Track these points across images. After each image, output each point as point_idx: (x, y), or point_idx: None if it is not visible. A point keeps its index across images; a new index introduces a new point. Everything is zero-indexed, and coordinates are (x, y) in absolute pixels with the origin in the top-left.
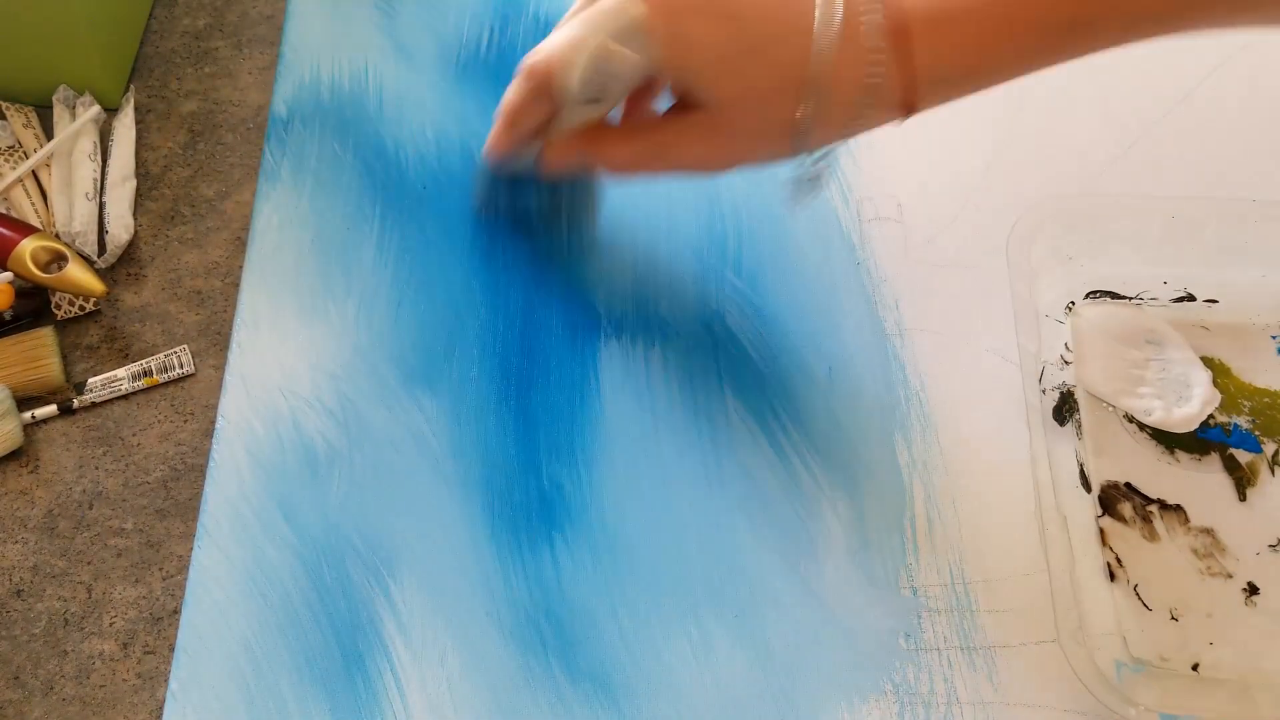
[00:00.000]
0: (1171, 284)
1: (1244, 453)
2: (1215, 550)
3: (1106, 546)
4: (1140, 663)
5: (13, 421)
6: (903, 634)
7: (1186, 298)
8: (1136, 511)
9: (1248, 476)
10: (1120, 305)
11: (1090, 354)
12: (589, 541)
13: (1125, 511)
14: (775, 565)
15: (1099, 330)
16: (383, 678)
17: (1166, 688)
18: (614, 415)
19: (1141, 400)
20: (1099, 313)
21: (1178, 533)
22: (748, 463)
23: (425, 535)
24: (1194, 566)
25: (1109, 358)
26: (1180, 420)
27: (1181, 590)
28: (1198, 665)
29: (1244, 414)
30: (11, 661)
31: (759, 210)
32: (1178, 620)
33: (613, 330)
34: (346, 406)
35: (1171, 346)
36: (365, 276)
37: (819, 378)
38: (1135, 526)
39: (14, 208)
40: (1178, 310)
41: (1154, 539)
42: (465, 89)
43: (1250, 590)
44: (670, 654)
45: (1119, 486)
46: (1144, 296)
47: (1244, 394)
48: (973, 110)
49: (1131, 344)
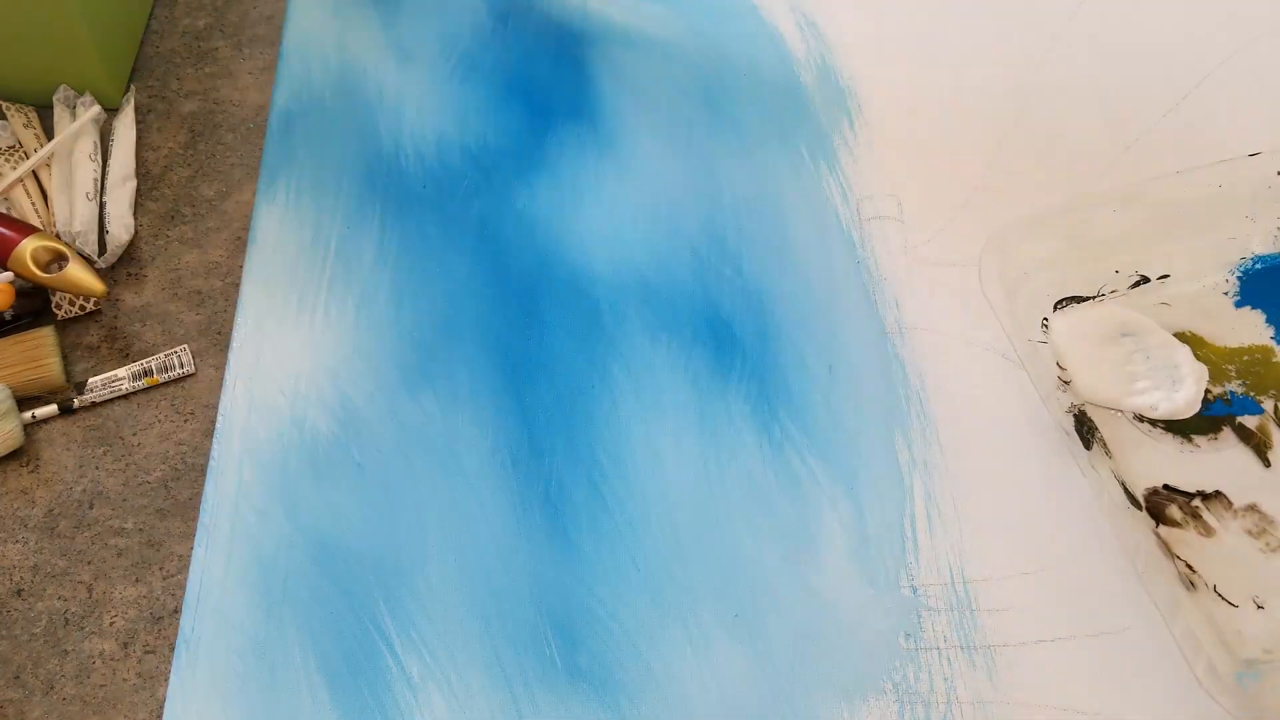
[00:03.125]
0: (1123, 271)
1: (1250, 417)
2: (1266, 524)
3: (1175, 558)
4: (1252, 665)
5: (13, 421)
6: (903, 633)
7: (1141, 280)
8: (1184, 510)
9: (1263, 441)
10: (1086, 307)
11: (1078, 365)
12: (590, 539)
13: (1175, 515)
14: (775, 565)
15: (1077, 338)
16: (385, 676)
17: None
18: (614, 413)
19: (1143, 396)
20: (1070, 320)
21: (1227, 519)
22: (748, 461)
23: (426, 534)
24: (1254, 547)
25: (1096, 363)
26: (1184, 405)
27: (1253, 575)
28: None
29: (1233, 379)
30: (11, 661)
31: (759, 209)
32: (1263, 608)
33: (615, 328)
34: (347, 405)
35: (1146, 333)
36: (365, 275)
37: (819, 376)
38: (1189, 527)
39: (14, 208)
40: (1137, 295)
41: (1209, 534)
42: (465, 88)
43: None
44: (670, 653)
45: (1160, 491)
46: (1104, 291)
47: (1224, 358)
48: (973, 107)
49: (1110, 342)
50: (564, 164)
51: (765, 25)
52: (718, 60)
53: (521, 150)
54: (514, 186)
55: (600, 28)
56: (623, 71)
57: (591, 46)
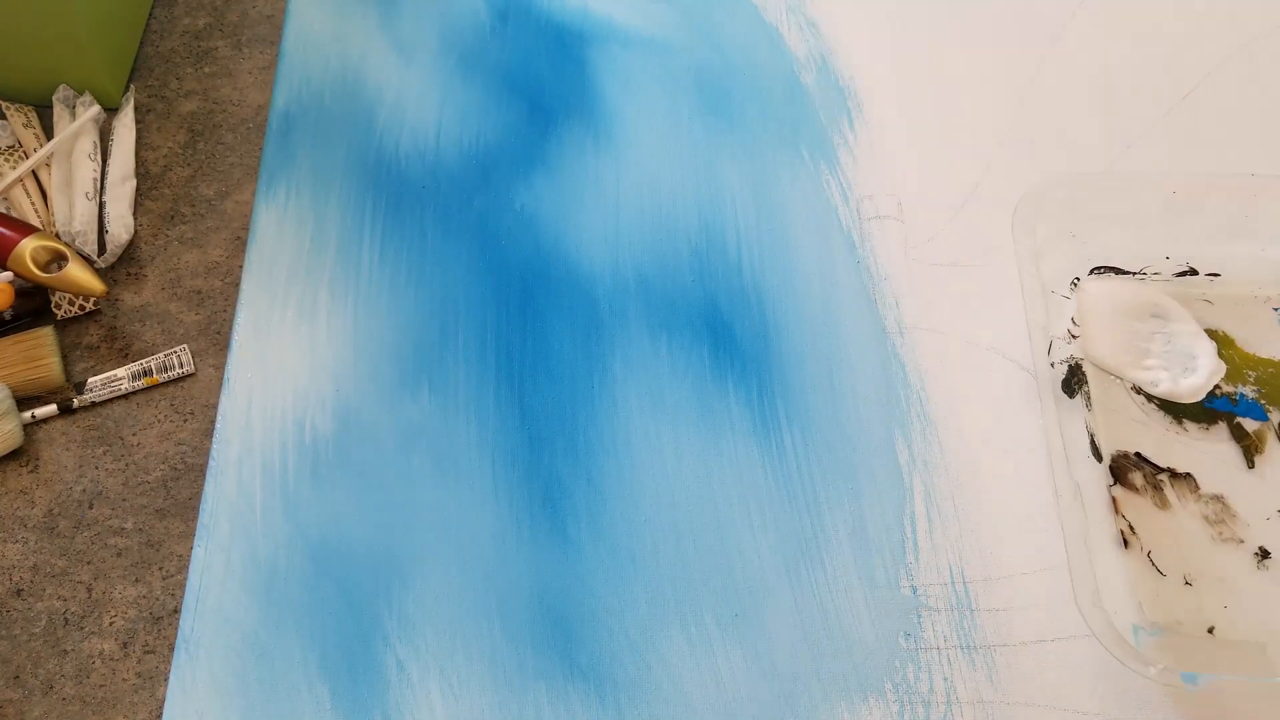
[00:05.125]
0: (1174, 259)
1: (1251, 421)
2: (1226, 516)
3: (1119, 515)
4: (1156, 627)
5: (13, 421)
6: (903, 633)
7: (1189, 272)
8: (1147, 480)
9: (1255, 444)
10: (1124, 281)
11: (1096, 328)
12: (590, 539)
13: (1136, 480)
14: (775, 565)
15: (1104, 305)
16: (384, 676)
17: (1183, 650)
18: (614, 413)
19: (1148, 372)
20: (1104, 288)
21: (1188, 500)
22: (747, 461)
23: (425, 533)
24: (1205, 533)
25: (1115, 331)
26: (1187, 390)
27: (1194, 556)
28: (1213, 629)
29: (1250, 384)
30: (11, 661)
31: (759, 208)
32: (1191, 585)
33: (614, 327)
34: (346, 404)
35: (1176, 319)
36: (365, 274)
37: (819, 376)
38: (1146, 495)
39: (14, 207)
40: (1180, 285)
41: (1165, 507)
42: (465, 87)
43: (1262, 555)
44: (670, 652)
45: (1129, 456)
46: (1147, 271)
47: (1249, 364)
48: (973, 108)
49: (1136, 318)
50: (564, 163)
51: (765, 25)
52: (718, 60)
53: (521, 149)
54: (514, 186)
55: (600, 27)
56: (623, 71)
57: (592, 46)
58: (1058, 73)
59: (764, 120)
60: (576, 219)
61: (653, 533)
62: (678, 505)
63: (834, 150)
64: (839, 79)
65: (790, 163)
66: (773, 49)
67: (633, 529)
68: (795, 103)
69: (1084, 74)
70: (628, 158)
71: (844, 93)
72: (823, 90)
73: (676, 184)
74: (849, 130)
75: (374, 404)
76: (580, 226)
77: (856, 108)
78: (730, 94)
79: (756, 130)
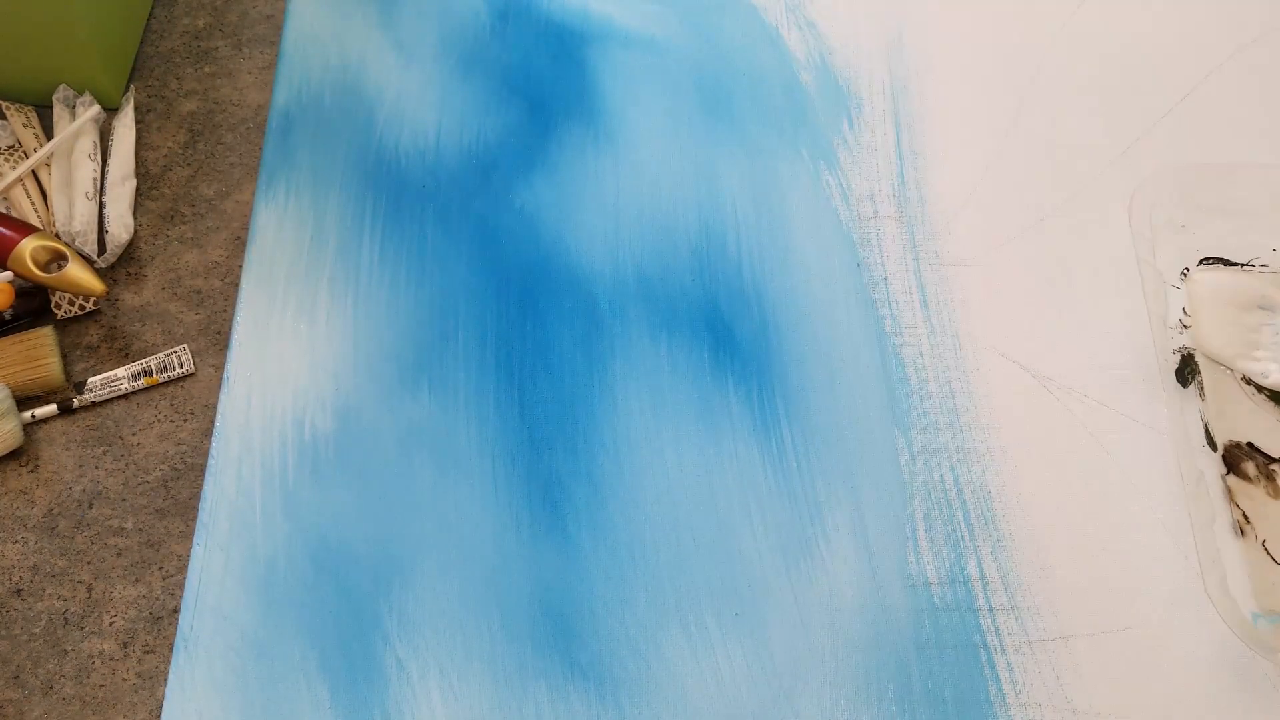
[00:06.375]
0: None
1: None
2: None
3: (1233, 504)
4: (1274, 614)
5: (13, 421)
6: (905, 633)
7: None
8: (1260, 470)
9: None
10: (1233, 272)
11: (1206, 319)
12: (589, 538)
13: (1249, 470)
14: (775, 564)
15: (1214, 295)
16: (384, 675)
17: None
18: (614, 412)
19: (1258, 363)
20: (1213, 279)
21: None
22: (747, 460)
23: (425, 532)
24: None
25: (1224, 322)
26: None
27: None
28: None
29: None
30: (11, 661)
31: (759, 208)
32: None
33: (614, 327)
34: (346, 403)
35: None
36: (364, 274)
37: (819, 375)
38: (1260, 484)
39: (14, 207)
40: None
41: (1278, 496)
42: (465, 87)
43: None
44: (670, 652)
45: (1242, 446)
46: (1254, 263)
47: None
48: (973, 109)
49: (1245, 309)
50: (564, 163)
51: (765, 25)
52: (717, 60)
53: (521, 149)
54: (514, 185)
55: (600, 27)
56: (623, 71)
57: (592, 46)
58: (1057, 73)
59: (764, 120)
60: (576, 219)
61: (653, 532)
62: (678, 504)
63: (833, 150)
64: (838, 79)
65: (790, 163)
66: (773, 49)
67: (633, 528)
68: (795, 103)
69: (1084, 73)
70: (628, 158)
71: (843, 93)
72: (822, 90)
73: (676, 184)
74: (848, 130)
75: (374, 403)
76: (580, 226)
77: (856, 108)
78: (730, 94)
79: (756, 130)
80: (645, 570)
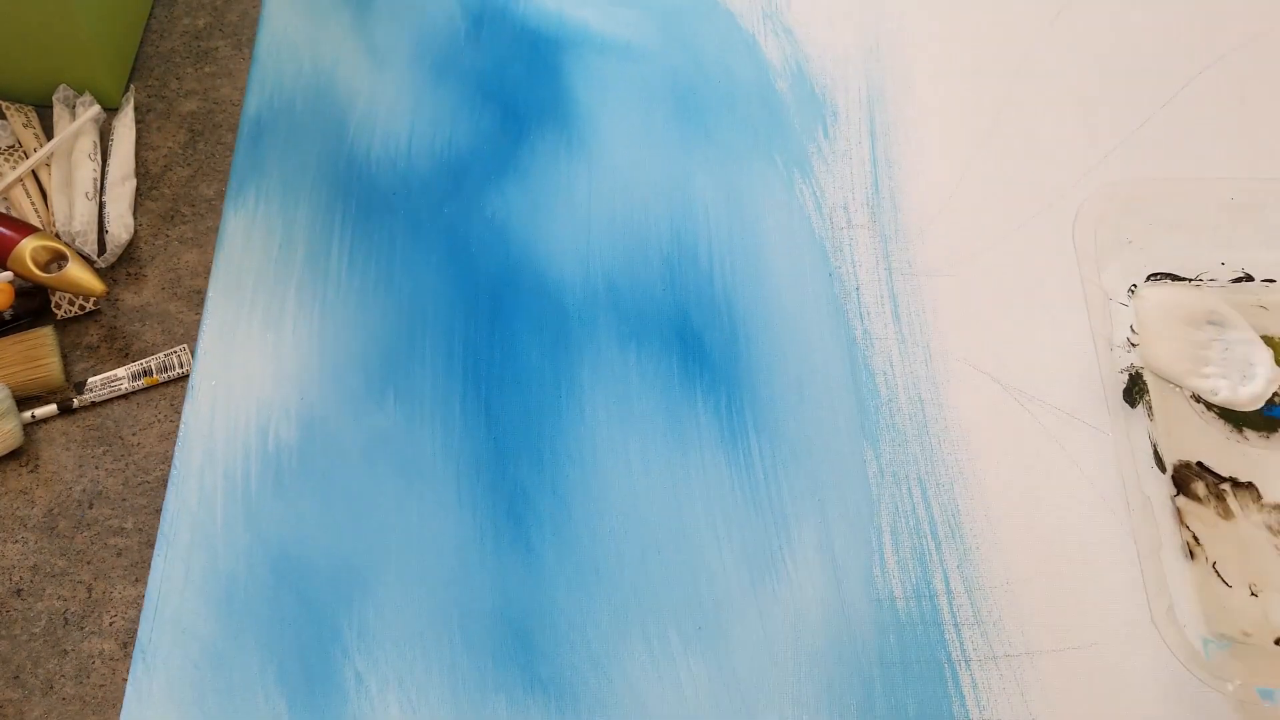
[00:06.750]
0: (1229, 265)
1: None
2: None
3: (1183, 525)
4: (1225, 638)
5: (13, 421)
6: (869, 647)
7: (1244, 278)
8: (1210, 490)
9: None
10: (1181, 287)
11: (1155, 336)
12: (553, 551)
13: (1199, 490)
14: (740, 577)
15: (1162, 312)
16: (343, 688)
17: (1253, 662)
18: (582, 423)
19: (1207, 380)
20: (1161, 295)
21: (1251, 510)
22: (714, 472)
23: (388, 543)
24: (1270, 543)
25: (1173, 339)
26: (1246, 399)
27: (1259, 566)
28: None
29: None
30: (11, 661)
31: (732, 216)
32: (1257, 596)
33: (583, 336)
34: (311, 412)
35: (1232, 327)
36: (333, 282)
37: (788, 386)
38: (1209, 505)
39: (14, 207)
40: (1236, 291)
41: (1229, 517)
42: (438, 93)
43: None
44: (632, 666)
45: (1191, 466)
46: (1203, 278)
47: None
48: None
49: (1194, 325)
50: (536, 170)
51: (742, 32)
52: (693, 67)
53: (493, 156)
54: (485, 192)
55: (575, 33)
56: (597, 78)
57: (566, 52)
58: (1034, 80)
59: (738, 128)
60: (547, 227)
61: (617, 545)
62: (643, 517)
63: (808, 158)
64: (814, 87)
65: (764, 171)
66: (749, 56)
67: (597, 541)
68: (770, 110)
69: (1061, 80)
70: (600, 165)
71: (819, 101)
72: (798, 98)
73: (649, 192)
74: (823, 138)
75: (339, 412)
76: (551, 234)
77: (831, 116)
78: (705, 101)
79: (730, 138)
80: (608, 583)
